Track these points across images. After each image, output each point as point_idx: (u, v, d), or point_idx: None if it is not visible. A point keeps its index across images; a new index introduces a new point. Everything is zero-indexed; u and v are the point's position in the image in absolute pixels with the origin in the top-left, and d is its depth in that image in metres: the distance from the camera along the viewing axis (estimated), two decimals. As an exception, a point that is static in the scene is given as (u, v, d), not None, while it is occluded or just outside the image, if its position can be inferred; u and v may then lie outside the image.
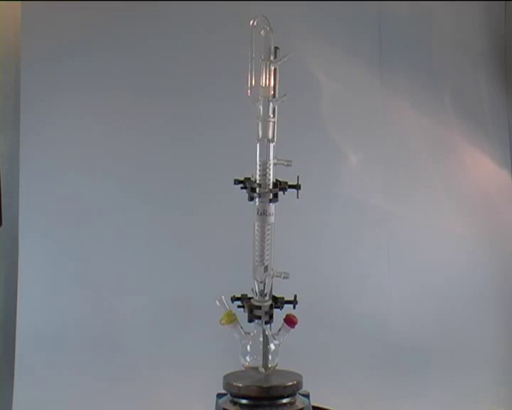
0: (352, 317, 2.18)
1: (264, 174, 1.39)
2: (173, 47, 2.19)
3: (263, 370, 1.42)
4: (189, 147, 2.19)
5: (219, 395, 1.46)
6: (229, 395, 1.43)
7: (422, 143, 2.31)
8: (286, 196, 1.41)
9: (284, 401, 1.40)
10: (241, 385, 1.41)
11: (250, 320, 1.43)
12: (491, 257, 2.31)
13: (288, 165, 1.40)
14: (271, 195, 1.40)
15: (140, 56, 2.18)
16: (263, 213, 1.40)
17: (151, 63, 2.19)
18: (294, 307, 1.44)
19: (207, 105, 2.19)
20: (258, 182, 1.39)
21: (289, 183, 1.40)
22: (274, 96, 1.40)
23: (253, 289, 1.43)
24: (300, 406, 1.42)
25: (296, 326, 1.43)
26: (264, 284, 1.42)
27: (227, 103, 2.14)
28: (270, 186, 1.40)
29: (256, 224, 1.41)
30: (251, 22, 1.37)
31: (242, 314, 1.44)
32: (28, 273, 2.12)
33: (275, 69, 1.40)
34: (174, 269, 2.17)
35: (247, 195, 1.41)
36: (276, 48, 1.40)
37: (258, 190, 1.39)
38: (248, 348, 1.43)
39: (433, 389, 2.15)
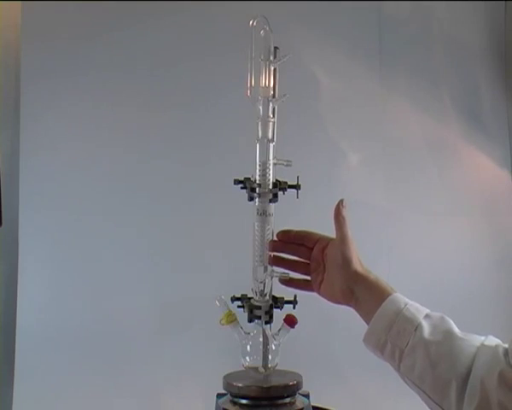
0: (352, 317, 2.18)
1: (264, 174, 1.39)
2: (173, 47, 2.19)
3: (263, 370, 1.42)
4: (189, 147, 2.19)
5: (219, 395, 1.46)
6: (229, 395, 1.43)
7: (422, 143, 2.31)
8: (286, 196, 1.41)
9: (284, 401, 1.40)
10: (241, 385, 1.40)
11: (250, 320, 1.43)
12: (491, 257, 2.31)
13: (287, 165, 1.39)
14: (271, 195, 1.40)
15: (140, 56, 2.18)
16: (263, 213, 1.40)
17: (151, 63, 2.19)
18: (294, 307, 1.44)
19: (207, 105, 2.19)
20: (258, 182, 1.39)
21: (289, 183, 1.40)
22: (274, 96, 1.40)
23: (252, 289, 1.43)
24: (300, 406, 1.41)
25: (296, 326, 1.43)
26: (264, 284, 1.42)
27: (227, 103, 2.14)
28: (270, 186, 1.40)
29: (256, 224, 1.41)
30: (251, 22, 1.37)
31: (242, 314, 1.44)
32: (28, 273, 2.13)
33: (275, 69, 1.40)
34: (174, 269, 2.17)
35: (246, 195, 1.41)
36: (275, 48, 1.39)
37: (258, 190, 1.39)
38: (248, 348, 1.43)
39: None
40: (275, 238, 1.38)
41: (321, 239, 1.36)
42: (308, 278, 1.38)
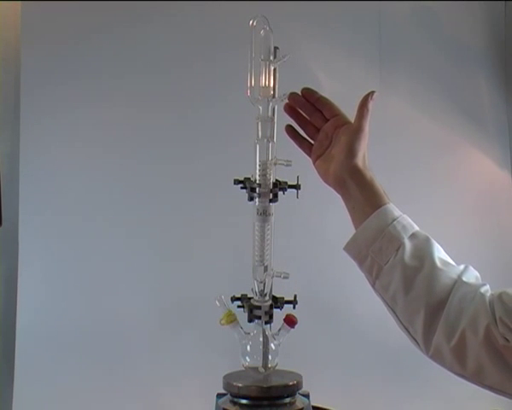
0: (353, 317, 2.18)
1: (264, 174, 1.39)
2: (173, 47, 2.19)
3: (263, 370, 1.42)
4: (189, 147, 2.19)
5: (219, 395, 1.46)
6: (229, 395, 1.43)
7: (422, 143, 2.31)
8: (286, 196, 1.41)
9: (284, 401, 1.40)
10: (241, 385, 1.41)
11: (250, 320, 1.43)
12: (491, 257, 2.31)
13: (287, 165, 1.39)
14: (271, 195, 1.40)
15: (140, 57, 2.18)
16: (263, 213, 1.40)
17: (151, 63, 2.19)
18: (294, 307, 1.44)
19: (207, 105, 2.19)
20: (258, 182, 1.39)
21: (289, 183, 1.40)
22: (274, 96, 1.40)
23: (253, 289, 1.43)
24: (300, 406, 1.41)
25: (296, 326, 1.43)
26: (264, 284, 1.42)
27: (227, 103, 2.14)
28: (270, 186, 1.40)
29: (256, 224, 1.41)
30: (251, 22, 1.37)
31: (242, 314, 1.44)
32: (28, 273, 2.12)
33: (274, 69, 1.40)
34: (174, 269, 2.17)
35: (247, 195, 1.41)
36: (275, 48, 1.40)
37: (258, 190, 1.39)
38: (248, 348, 1.43)
39: (432, 389, 2.15)
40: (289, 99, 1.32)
41: (340, 117, 1.33)
42: (312, 142, 1.34)
